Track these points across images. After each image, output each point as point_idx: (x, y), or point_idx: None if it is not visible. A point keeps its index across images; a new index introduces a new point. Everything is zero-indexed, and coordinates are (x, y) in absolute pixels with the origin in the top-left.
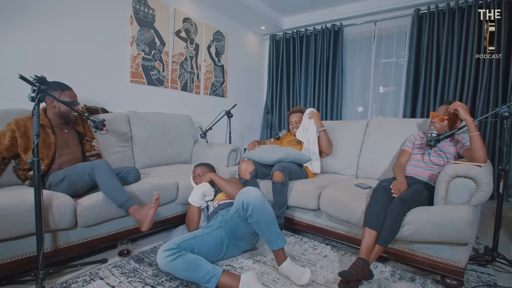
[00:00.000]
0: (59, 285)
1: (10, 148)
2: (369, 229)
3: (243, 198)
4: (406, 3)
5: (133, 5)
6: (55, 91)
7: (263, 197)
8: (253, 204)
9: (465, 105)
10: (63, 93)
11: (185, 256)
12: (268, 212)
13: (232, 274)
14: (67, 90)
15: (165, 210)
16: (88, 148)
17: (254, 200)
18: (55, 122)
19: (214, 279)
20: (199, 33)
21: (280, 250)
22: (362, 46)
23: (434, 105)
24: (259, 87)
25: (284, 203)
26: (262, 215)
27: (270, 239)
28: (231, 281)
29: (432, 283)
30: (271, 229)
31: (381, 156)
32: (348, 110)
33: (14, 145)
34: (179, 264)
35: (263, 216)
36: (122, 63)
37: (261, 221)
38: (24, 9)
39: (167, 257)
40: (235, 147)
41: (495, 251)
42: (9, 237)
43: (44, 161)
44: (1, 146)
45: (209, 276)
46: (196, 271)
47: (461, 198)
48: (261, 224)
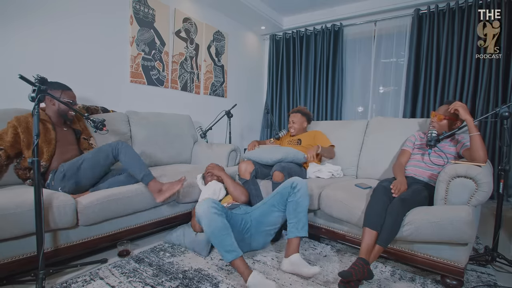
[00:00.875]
0: (59, 285)
1: (14, 145)
2: (369, 229)
3: (294, 179)
4: (406, 3)
5: (133, 5)
6: (57, 90)
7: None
8: (302, 186)
9: (465, 105)
10: (64, 93)
11: (225, 220)
12: (308, 200)
13: (246, 264)
14: (67, 91)
15: (166, 209)
16: (85, 147)
17: (303, 184)
18: (54, 120)
19: (234, 254)
20: (199, 33)
21: (298, 239)
22: (362, 46)
23: (434, 105)
24: (259, 87)
25: None
26: (304, 199)
27: (297, 225)
28: (244, 268)
29: (432, 283)
30: (302, 216)
31: (381, 156)
32: (348, 110)
33: (17, 141)
34: (218, 221)
35: (304, 200)
36: (122, 63)
37: (300, 203)
38: (25, 10)
39: (213, 209)
40: (235, 147)
41: (495, 251)
42: (9, 237)
43: (44, 156)
44: (4, 143)
45: (232, 249)
46: (225, 237)
47: (461, 198)
48: (299, 206)
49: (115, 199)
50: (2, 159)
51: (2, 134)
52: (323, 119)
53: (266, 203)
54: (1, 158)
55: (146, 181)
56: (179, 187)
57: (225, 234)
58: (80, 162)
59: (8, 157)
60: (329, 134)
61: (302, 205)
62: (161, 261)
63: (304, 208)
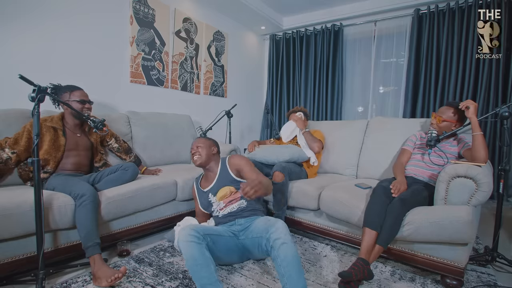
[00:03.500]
0: (59, 285)
1: (27, 149)
2: (369, 229)
3: (270, 228)
4: (406, 3)
5: (133, 5)
6: (65, 92)
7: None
8: (278, 236)
9: (477, 105)
10: (72, 94)
11: (204, 249)
12: (292, 247)
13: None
14: (76, 90)
15: (165, 209)
16: (97, 160)
17: (281, 232)
18: (70, 124)
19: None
20: (199, 33)
21: None
22: (362, 46)
23: (434, 105)
24: (259, 87)
25: (284, 203)
26: (287, 250)
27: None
28: None
29: (432, 283)
30: (293, 272)
31: (381, 156)
32: (348, 110)
33: (30, 146)
34: (195, 250)
35: (287, 251)
36: (122, 63)
37: (284, 258)
38: (24, 9)
39: (190, 237)
40: (235, 147)
41: (495, 251)
42: (9, 237)
43: (51, 163)
44: (19, 147)
45: (208, 282)
46: (200, 268)
47: (461, 198)
48: (284, 262)
49: (114, 200)
50: (12, 162)
51: (18, 139)
52: (323, 119)
53: (253, 239)
54: (11, 161)
55: (90, 253)
56: (118, 277)
57: (200, 265)
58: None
59: (18, 161)
60: (329, 134)
61: (286, 259)
62: (161, 261)
63: (291, 260)
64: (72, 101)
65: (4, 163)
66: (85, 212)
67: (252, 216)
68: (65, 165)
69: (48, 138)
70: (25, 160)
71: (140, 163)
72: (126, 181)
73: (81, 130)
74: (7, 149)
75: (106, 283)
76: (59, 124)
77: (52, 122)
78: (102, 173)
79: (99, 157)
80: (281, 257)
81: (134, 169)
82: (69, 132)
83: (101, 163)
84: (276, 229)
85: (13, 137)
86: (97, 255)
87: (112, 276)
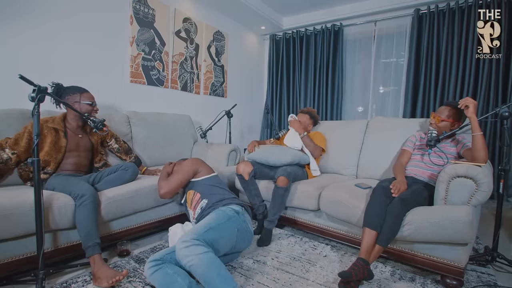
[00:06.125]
0: (59, 285)
1: (27, 150)
2: (369, 229)
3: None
4: (406, 3)
5: (133, 5)
6: (75, 94)
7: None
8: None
9: (476, 103)
10: (82, 95)
11: (165, 269)
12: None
13: None
14: (86, 92)
15: (165, 209)
16: (97, 160)
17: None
18: (72, 125)
19: None
20: (199, 33)
21: None
22: (362, 46)
23: (434, 105)
24: (259, 87)
25: (280, 210)
26: (198, 267)
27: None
28: None
29: (432, 283)
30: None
31: (381, 156)
32: (348, 110)
33: (31, 147)
34: (159, 277)
35: (200, 269)
36: (122, 63)
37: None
38: (24, 9)
39: (149, 269)
40: (235, 147)
41: (495, 251)
42: (9, 237)
43: (51, 164)
44: (19, 148)
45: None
46: (172, 285)
47: (461, 198)
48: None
49: (114, 200)
50: (12, 163)
51: (18, 139)
52: (323, 119)
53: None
54: (11, 162)
55: (90, 253)
56: (119, 278)
57: (170, 284)
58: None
59: (18, 161)
60: (329, 134)
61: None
62: None
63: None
64: (82, 103)
65: (4, 163)
66: (85, 212)
67: (210, 213)
68: (65, 165)
69: (49, 139)
70: (25, 160)
71: (140, 163)
72: (126, 181)
73: (82, 131)
74: (8, 149)
75: (107, 284)
76: (61, 125)
77: (53, 123)
78: (102, 173)
79: (99, 158)
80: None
81: (134, 169)
82: (71, 133)
83: (101, 164)
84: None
85: (14, 138)
86: (97, 255)
87: (114, 277)
